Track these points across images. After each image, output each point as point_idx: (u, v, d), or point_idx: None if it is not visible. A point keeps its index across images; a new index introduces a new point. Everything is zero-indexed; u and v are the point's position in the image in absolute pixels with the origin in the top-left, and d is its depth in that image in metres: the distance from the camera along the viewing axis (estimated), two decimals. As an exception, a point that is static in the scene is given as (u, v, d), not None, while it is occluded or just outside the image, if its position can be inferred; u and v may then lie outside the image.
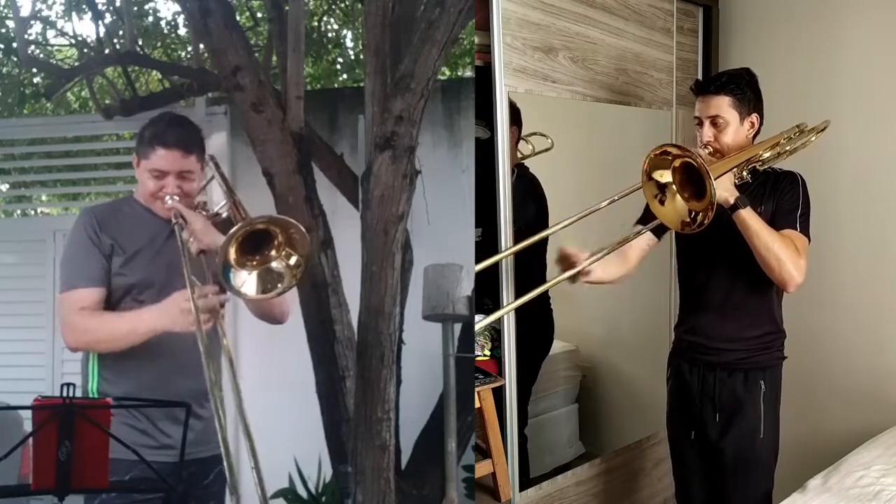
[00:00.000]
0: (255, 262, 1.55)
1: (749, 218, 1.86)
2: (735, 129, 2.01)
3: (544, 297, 2.57)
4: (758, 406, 2.08)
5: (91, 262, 1.70)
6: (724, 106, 2.00)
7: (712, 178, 1.63)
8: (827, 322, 2.86)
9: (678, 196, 1.73)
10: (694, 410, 2.18)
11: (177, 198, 1.71)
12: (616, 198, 1.85)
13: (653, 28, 2.81)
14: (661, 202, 1.76)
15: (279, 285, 1.57)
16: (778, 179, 2.04)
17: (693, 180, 1.70)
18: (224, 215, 1.79)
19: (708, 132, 2.02)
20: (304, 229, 1.56)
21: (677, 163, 1.71)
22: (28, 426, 1.41)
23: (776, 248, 1.86)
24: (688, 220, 1.72)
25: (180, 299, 1.60)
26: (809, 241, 1.99)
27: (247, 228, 1.51)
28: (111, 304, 1.72)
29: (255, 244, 1.54)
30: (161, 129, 1.74)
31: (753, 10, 3.04)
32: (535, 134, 2.46)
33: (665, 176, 1.74)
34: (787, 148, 2.09)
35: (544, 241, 2.51)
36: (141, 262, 1.72)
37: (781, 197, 2.01)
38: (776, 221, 1.97)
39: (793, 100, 2.82)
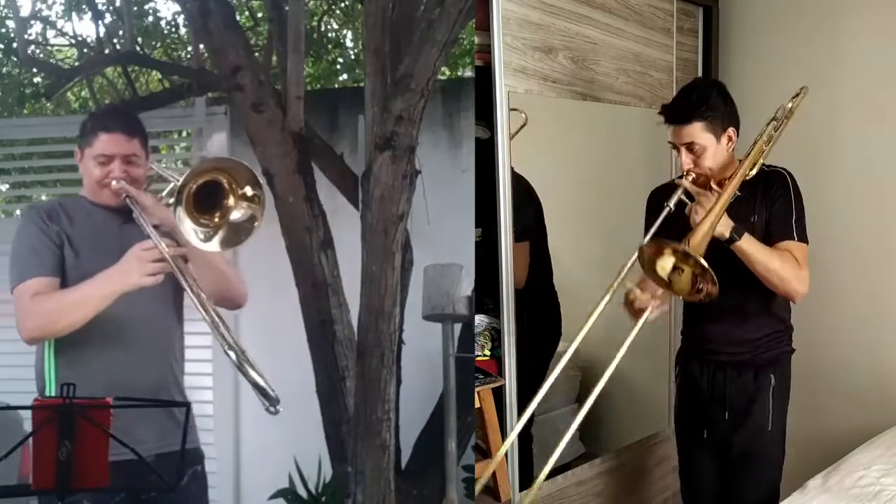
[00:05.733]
0: (216, 219, 1.52)
1: (745, 247, 1.87)
2: (713, 151, 1.96)
3: (550, 291, 2.57)
4: (766, 401, 2.08)
5: (43, 251, 1.65)
6: (696, 132, 1.94)
7: (699, 257, 1.65)
8: (827, 322, 2.86)
9: (686, 267, 1.74)
10: (703, 408, 2.18)
11: (123, 182, 1.69)
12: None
13: (653, 28, 2.80)
14: (670, 284, 1.77)
15: (253, 227, 1.53)
16: (768, 182, 2.01)
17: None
18: (171, 201, 1.76)
19: (686, 159, 1.97)
20: (241, 162, 1.54)
21: (666, 250, 1.72)
22: (28, 426, 1.41)
23: (777, 267, 1.88)
24: (695, 290, 1.74)
25: (137, 250, 1.57)
26: (808, 242, 1.98)
27: (191, 185, 1.48)
28: None
29: (208, 200, 1.51)
30: (102, 116, 1.75)
31: (753, 10, 3.04)
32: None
33: (667, 263, 1.74)
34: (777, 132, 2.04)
35: (545, 249, 2.53)
36: (94, 254, 1.66)
37: (774, 202, 1.98)
38: (772, 231, 1.96)
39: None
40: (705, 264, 1.64)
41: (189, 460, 1.76)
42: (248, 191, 1.53)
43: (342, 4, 3.90)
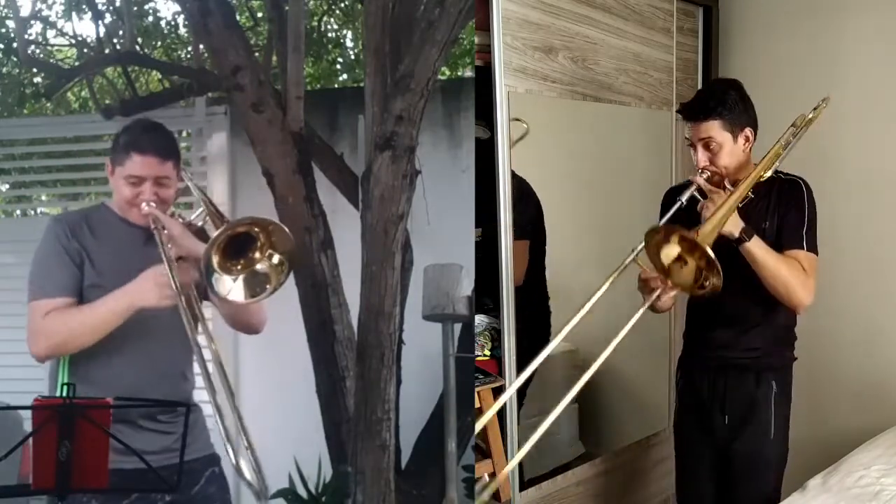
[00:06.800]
0: (239, 267, 1.53)
1: (754, 249, 1.86)
2: (730, 149, 1.96)
3: (544, 293, 2.57)
4: (769, 407, 2.07)
5: (62, 270, 1.65)
6: (714, 129, 1.95)
7: (707, 247, 1.64)
8: (827, 323, 2.85)
9: (691, 260, 1.73)
10: (704, 414, 2.16)
11: (153, 204, 1.68)
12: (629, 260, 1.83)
13: (653, 28, 2.80)
14: (669, 272, 1.76)
15: (267, 286, 1.54)
16: (782, 190, 2.01)
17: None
18: (199, 224, 1.75)
19: (703, 157, 1.97)
20: (283, 227, 1.55)
21: (674, 237, 1.72)
22: (28, 426, 1.41)
23: (784, 275, 1.88)
24: (698, 285, 1.72)
25: (154, 273, 1.56)
26: (818, 254, 1.98)
27: (228, 233, 1.49)
28: None
29: (237, 248, 1.52)
30: (136, 135, 1.71)
31: (753, 10, 3.04)
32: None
33: (672, 251, 1.74)
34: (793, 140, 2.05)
35: (543, 250, 2.53)
36: (115, 271, 1.66)
37: (787, 211, 1.98)
38: (782, 239, 1.96)
39: (793, 100, 2.80)
40: (712, 255, 1.63)
41: (205, 463, 1.78)
42: (276, 259, 1.54)
43: (342, 4, 3.90)
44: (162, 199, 1.70)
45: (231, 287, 1.52)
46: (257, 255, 1.54)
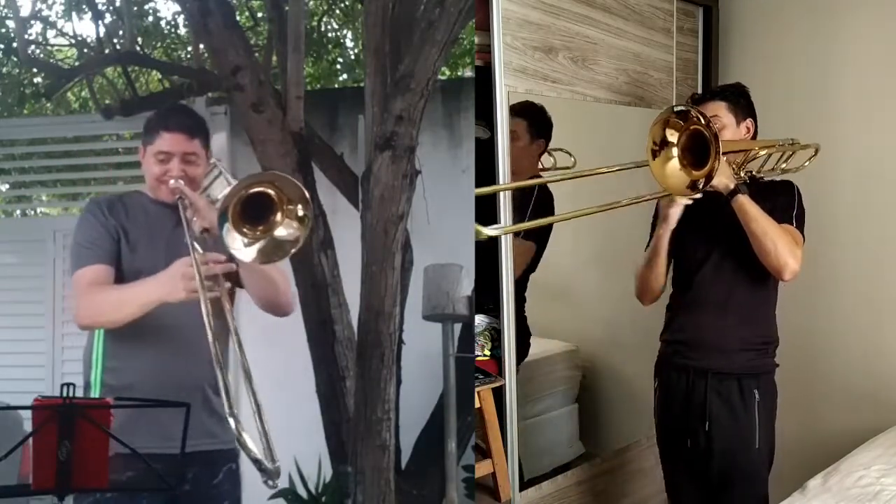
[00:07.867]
0: (259, 232, 1.52)
1: (747, 203, 1.90)
2: (732, 131, 2.05)
3: (522, 299, 2.56)
4: (752, 416, 2.05)
5: (100, 242, 1.70)
6: (721, 109, 2.05)
7: (720, 146, 1.67)
8: (826, 323, 2.86)
9: (675, 160, 1.77)
10: (683, 422, 2.13)
11: (182, 182, 1.72)
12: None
13: (653, 28, 2.81)
14: (654, 154, 1.80)
15: (293, 249, 1.53)
16: (774, 186, 2.09)
17: (696, 150, 1.74)
18: None
19: None
20: (288, 177, 1.53)
21: (691, 128, 1.75)
22: (28, 426, 1.41)
23: (773, 233, 1.90)
24: (687, 187, 1.77)
25: (181, 266, 1.57)
26: (804, 240, 2.00)
27: (242, 192, 1.49)
28: None
29: (256, 212, 1.51)
30: (165, 114, 1.78)
31: (753, 10, 3.04)
32: (560, 150, 2.47)
33: (672, 135, 1.78)
34: (782, 160, 2.13)
35: (537, 261, 2.53)
36: (148, 249, 1.71)
37: (776, 199, 2.03)
38: (773, 217, 1.97)
39: (792, 100, 2.82)
40: (721, 147, 1.66)
41: (227, 457, 1.78)
42: (300, 210, 1.52)
43: (342, 4, 3.90)
44: (190, 176, 1.74)
45: (242, 247, 1.51)
46: (278, 216, 1.52)
